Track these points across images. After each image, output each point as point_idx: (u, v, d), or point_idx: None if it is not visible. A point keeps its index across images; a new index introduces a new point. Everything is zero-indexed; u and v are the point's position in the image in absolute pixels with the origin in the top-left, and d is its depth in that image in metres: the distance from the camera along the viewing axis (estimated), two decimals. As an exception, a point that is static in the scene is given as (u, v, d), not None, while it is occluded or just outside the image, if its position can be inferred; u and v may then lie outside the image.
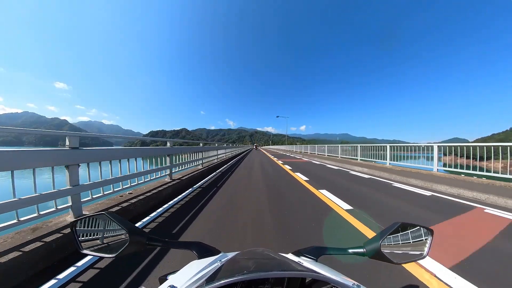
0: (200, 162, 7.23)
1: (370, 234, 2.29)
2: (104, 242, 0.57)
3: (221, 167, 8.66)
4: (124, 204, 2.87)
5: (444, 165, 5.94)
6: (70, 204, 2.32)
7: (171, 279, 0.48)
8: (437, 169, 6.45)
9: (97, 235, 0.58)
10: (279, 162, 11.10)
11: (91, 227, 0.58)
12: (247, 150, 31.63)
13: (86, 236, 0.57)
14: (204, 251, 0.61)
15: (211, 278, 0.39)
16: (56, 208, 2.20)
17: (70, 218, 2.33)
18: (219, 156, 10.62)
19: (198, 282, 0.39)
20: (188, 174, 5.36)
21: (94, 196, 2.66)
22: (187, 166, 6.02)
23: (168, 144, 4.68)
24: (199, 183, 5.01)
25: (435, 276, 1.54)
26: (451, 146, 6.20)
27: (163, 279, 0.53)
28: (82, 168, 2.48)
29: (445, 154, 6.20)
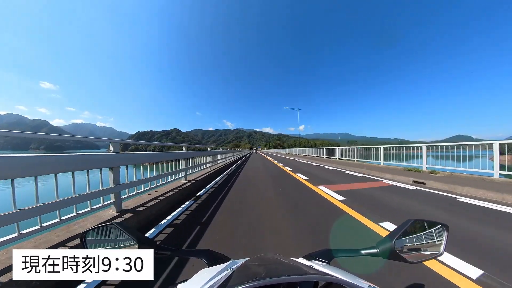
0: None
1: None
2: None
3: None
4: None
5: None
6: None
7: None
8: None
9: (106, 246, 0.58)
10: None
11: (101, 238, 0.59)
12: (246, 155, 27.99)
13: (96, 247, 0.58)
14: (213, 258, 0.60)
15: (222, 286, 0.39)
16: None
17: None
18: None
19: None
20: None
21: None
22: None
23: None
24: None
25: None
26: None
27: None
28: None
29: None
